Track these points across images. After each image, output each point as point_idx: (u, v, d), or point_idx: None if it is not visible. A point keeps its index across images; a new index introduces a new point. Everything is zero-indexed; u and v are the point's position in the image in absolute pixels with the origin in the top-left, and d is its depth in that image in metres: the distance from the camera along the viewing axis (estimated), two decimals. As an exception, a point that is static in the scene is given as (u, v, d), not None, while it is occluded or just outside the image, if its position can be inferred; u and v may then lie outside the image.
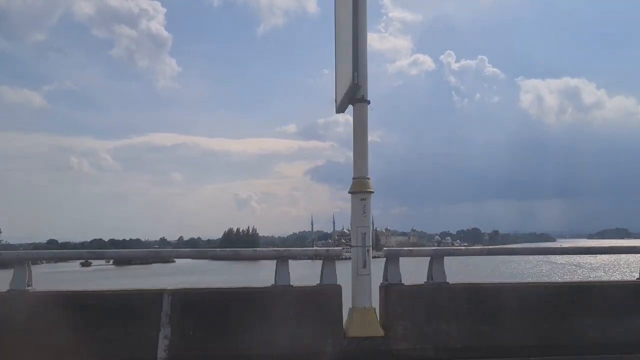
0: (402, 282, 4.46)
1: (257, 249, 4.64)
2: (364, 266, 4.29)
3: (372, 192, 4.52)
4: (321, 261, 4.59)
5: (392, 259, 4.53)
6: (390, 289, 4.39)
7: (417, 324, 4.21)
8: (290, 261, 4.53)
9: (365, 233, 4.35)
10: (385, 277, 4.55)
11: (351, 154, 4.66)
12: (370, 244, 4.42)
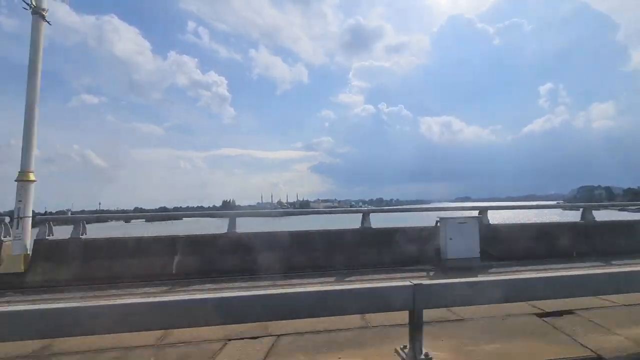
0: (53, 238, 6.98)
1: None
2: (17, 228, 6.67)
3: (35, 181, 6.85)
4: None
5: (42, 223, 7.00)
6: (38, 242, 6.87)
7: (49, 262, 6.77)
8: None
9: (20, 208, 6.68)
10: (40, 235, 6.99)
11: (333, 159, 7.02)
12: (30, 215, 6.79)
